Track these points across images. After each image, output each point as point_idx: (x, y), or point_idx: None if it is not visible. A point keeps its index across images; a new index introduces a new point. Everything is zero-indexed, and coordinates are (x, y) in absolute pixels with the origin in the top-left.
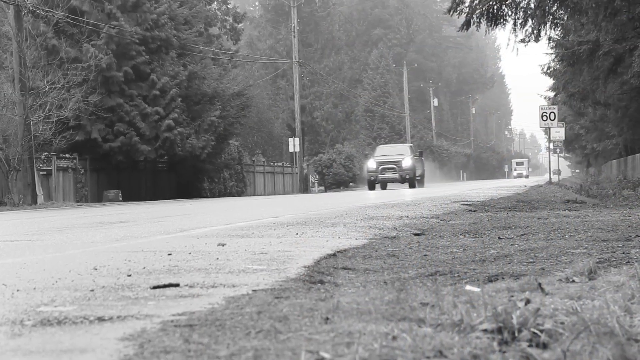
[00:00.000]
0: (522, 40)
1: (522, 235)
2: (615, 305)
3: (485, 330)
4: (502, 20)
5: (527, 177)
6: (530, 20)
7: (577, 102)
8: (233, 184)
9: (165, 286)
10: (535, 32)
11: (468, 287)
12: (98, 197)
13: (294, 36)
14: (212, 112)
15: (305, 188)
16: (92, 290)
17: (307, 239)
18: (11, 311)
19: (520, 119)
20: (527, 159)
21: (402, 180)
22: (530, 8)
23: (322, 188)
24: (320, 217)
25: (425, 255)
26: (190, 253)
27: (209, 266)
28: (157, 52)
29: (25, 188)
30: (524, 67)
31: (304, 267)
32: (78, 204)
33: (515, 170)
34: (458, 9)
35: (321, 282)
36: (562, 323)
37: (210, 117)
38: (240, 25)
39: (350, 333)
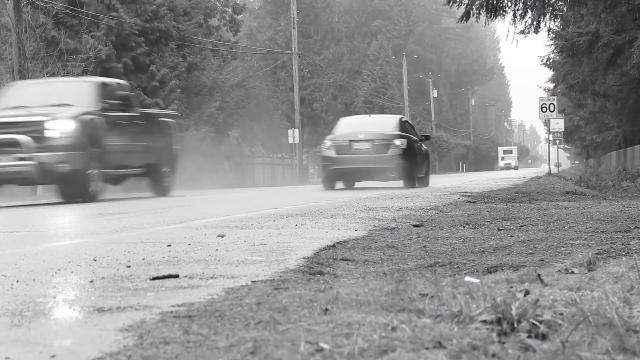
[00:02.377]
0: (522, 32)
1: (521, 226)
2: (614, 297)
3: (484, 321)
4: (501, 11)
5: (516, 168)
6: (529, 11)
7: (577, 94)
8: (232, 176)
9: (164, 277)
10: (534, 23)
11: (467, 279)
12: None
13: (294, 27)
14: (212, 104)
15: (306, 179)
16: (92, 282)
17: (306, 230)
18: (10, 302)
19: (519, 110)
20: (515, 147)
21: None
22: None
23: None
24: (319, 208)
25: (424, 247)
26: (189, 244)
27: (209, 257)
28: (156, 44)
29: None
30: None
31: (303, 258)
32: None
33: (502, 159)
34: (457, 0)
35: (320, 273)
36: (561, 314)
37: (209, 109)
38: (239, 16)
39: (350, 324)
